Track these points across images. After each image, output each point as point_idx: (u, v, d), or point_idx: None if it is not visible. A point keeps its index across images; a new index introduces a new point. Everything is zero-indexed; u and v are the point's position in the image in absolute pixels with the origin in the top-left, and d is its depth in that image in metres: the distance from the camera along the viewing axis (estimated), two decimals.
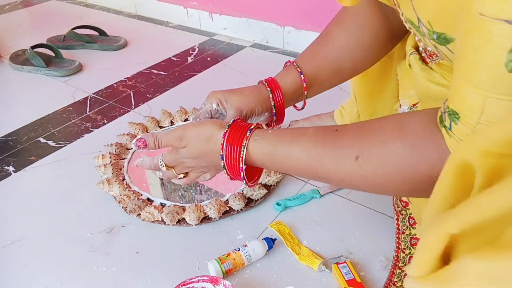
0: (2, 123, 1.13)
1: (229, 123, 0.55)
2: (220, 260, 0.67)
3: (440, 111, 0.42)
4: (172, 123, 1.06)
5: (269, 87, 0.64)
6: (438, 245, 0.25)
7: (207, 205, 0.78)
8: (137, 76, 1.37)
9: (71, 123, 1.12)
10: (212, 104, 0.63)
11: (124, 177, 0.88)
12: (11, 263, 0.71)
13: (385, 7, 0.64)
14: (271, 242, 0.71)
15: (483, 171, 0.26)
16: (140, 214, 0.78)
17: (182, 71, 1.40)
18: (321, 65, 0.67)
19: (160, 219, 0.77)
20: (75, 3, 2.14)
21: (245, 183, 0.56)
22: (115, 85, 1.32)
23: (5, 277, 0.69)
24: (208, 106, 0.64)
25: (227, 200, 0.80)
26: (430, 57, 0.54)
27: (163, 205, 0.81)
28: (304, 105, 0.70)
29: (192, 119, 0.65)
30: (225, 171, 0.56)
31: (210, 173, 0.63)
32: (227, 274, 0.67)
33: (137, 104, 1.21)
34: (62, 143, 1.04)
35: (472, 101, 0.36)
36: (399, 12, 0.51)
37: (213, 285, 0.63)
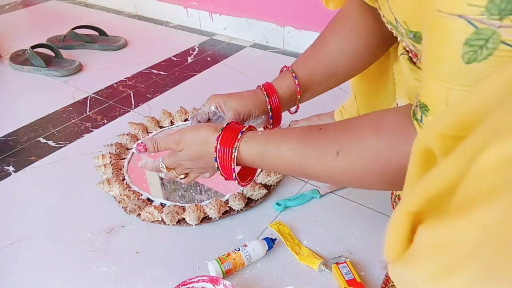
0: (2, 123, 1.13)
1: (223, 126, 0.58)
2: (220, 260, 0.67)
3: (413, 106, 0.44)
4: (172, 123, 1.06)
5: (266, 92, 0.68)
6: (401, 225, 0.27)
7: (207, 205, 0.78)
8: (137, 76, 1.37)
9: (71, 123, 1.12)
10: (210, 106, 0.67)
11: (124, 177, 0.88)
12: (11, 263, 0.71)
13: (375, 10, 0.65)
14: (271, 242, 0.71)
15: (441, 154, 0.28)
16: (140, 214, 0.78)
17: (182, 71, 1.40)
18: (315, 69, 0.70)
19: (160, 219, 0.77)
20: (75, 3, 2.14)
21: (237, 183, 0.60)
22: (115, 85, 1.32)
23: (5, 277, 0.69)
24: (207, 108, 0.67)
25: (227, 200, 0.80)
26: (415, 57, 0.55)
27: (163, 205, 0.81)
28: (298, 109, 0.73)
29: (190, 118, 0.68)
30: (219, 172, 0.60)
31: (209, 172, 0.66)
32: (227, 274, 0.67)
33: (137, 104, 1.21)
34: (62, 143, 1.04)
35: (437, 93, 0.38)
36: (380, 13, 0.53)
37: (213, 285, 0.63)
